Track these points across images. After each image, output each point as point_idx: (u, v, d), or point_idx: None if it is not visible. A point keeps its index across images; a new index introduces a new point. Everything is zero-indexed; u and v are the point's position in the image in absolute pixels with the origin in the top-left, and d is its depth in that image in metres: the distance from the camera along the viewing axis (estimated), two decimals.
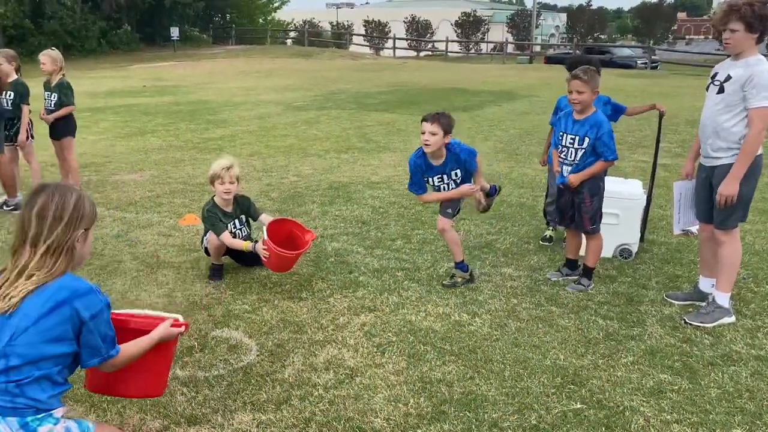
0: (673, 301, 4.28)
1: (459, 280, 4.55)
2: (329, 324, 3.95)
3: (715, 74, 3.91)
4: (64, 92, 6.69)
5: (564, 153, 4.37)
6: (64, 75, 6.78)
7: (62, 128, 6.82)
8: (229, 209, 4.68)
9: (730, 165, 3.80)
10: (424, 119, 4.23)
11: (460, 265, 4.57)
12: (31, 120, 6.65)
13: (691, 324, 3.95)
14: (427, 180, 4.48)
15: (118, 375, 2.19)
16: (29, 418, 1.82)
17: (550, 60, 30.34)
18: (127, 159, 9.06)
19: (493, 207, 6.57)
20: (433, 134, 4.20)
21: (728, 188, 3.78)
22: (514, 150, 9.63)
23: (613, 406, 3.11)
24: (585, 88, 4.20)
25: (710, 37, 64.02)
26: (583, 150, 4.28)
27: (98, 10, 34.54)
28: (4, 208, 6.34)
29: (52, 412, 1.89)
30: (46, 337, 1.82)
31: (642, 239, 5.28)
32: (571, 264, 4.68)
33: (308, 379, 3.33)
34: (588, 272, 4.50)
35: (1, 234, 5.66)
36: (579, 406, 3.11)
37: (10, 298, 1.82)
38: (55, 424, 1.88)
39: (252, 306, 4.21)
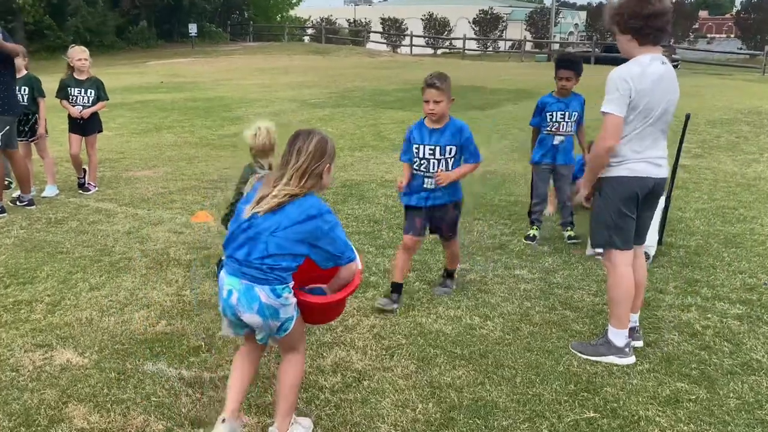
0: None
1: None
2: (338, 325, 3.89)
3: None
4: (103, 88, 6.89)
5: (424, 166, 4.05)
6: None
7: (95, 124, 6.95)
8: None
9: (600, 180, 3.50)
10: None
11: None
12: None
13: (572, 349, 3.62)
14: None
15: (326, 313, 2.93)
16: (277, 287, 2.56)
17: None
18: (141, 155, 9.08)
19: (508, 207, 6.50)
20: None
21: (578, 194, 3.62)
22: (530, 149, 9.48)
23: (627, 416, 3.02)
24: (442, 96, 4.01)
25: (732, 36, 63.15)
26: (453, 158, 4.05)
27: (117, 7, 34.79)
28: (18, 203, 6.34)
29: (289, 284, 2.60)
30: (295, 237, 2.55)
31: (660, 242, 5.16)
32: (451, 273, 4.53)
33: (315, 382, 3.27)
34: (452, 274, 4.49)
35: (14, 230, 5.67)
36: (592, 414, 3.02)
37: (271, 201, 2.55)
38: (290, 292, 2.62)
39: None
